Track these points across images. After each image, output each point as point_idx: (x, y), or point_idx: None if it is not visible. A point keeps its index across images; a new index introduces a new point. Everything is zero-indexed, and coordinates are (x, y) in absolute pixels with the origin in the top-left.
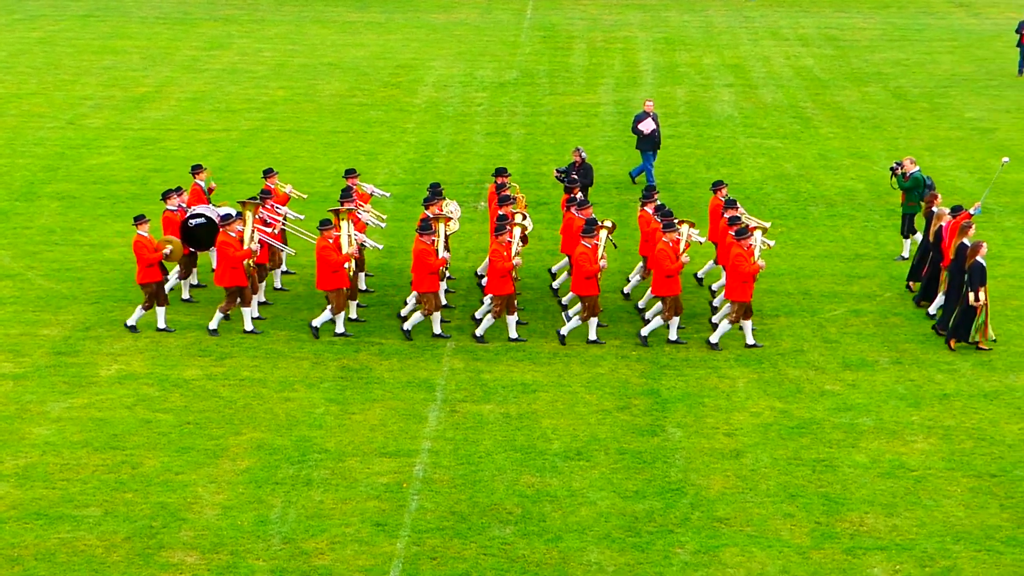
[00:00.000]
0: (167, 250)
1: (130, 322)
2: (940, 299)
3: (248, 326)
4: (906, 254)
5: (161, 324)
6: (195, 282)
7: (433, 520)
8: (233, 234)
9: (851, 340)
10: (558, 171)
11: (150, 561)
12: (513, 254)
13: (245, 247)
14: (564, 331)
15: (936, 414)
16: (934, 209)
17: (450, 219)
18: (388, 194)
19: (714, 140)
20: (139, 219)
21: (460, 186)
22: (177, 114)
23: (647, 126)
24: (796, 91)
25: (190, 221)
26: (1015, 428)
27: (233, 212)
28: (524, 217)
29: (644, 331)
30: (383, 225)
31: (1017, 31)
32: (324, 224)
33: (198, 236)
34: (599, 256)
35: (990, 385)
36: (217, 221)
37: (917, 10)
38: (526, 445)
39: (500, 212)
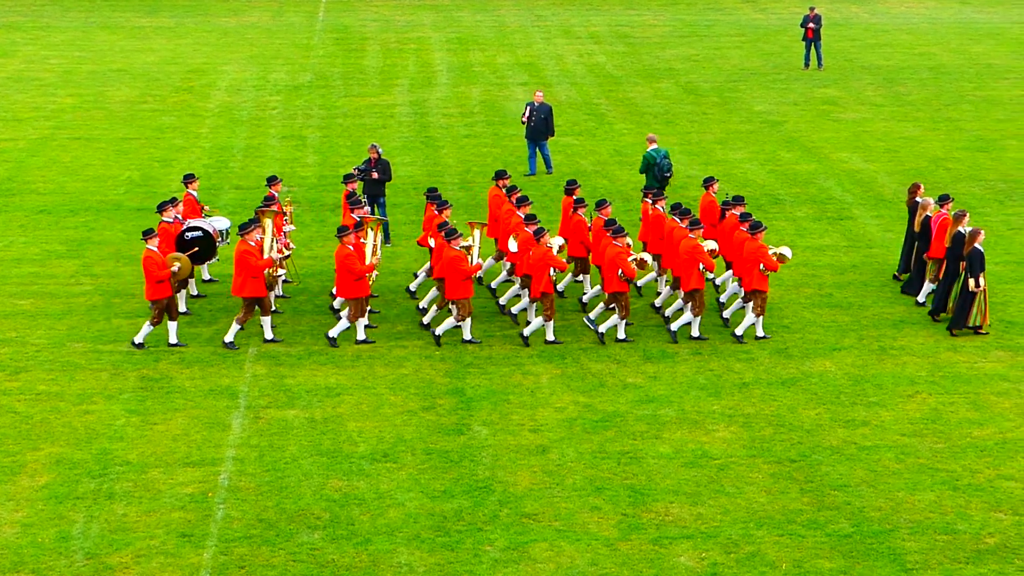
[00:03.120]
0: (175, 267)
1: (137, 340)
2: (928, 287)
3: (268, 335)
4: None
5: (172, 340)
6: (195, 292)
7: (240, 528)
8: (252, 243)
9: (651, 333)
10: (356, 168)
11: None
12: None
13: (265, 256)
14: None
15: (736, 403)
16: (918, 199)
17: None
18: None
19: (511, 139)
20: (147, 233)
21: (256, 191)
22: None
23: (530, 116)
24: (589, 88)
25: (186, 234)
26: (812, 414)
27: (228, 223)
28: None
29: (673, 326)
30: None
31: (802, 25)
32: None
33: (194, 249)
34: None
35: (787, 373)
36: (213, 234)
37: (705, 6)
38: (332, 449)
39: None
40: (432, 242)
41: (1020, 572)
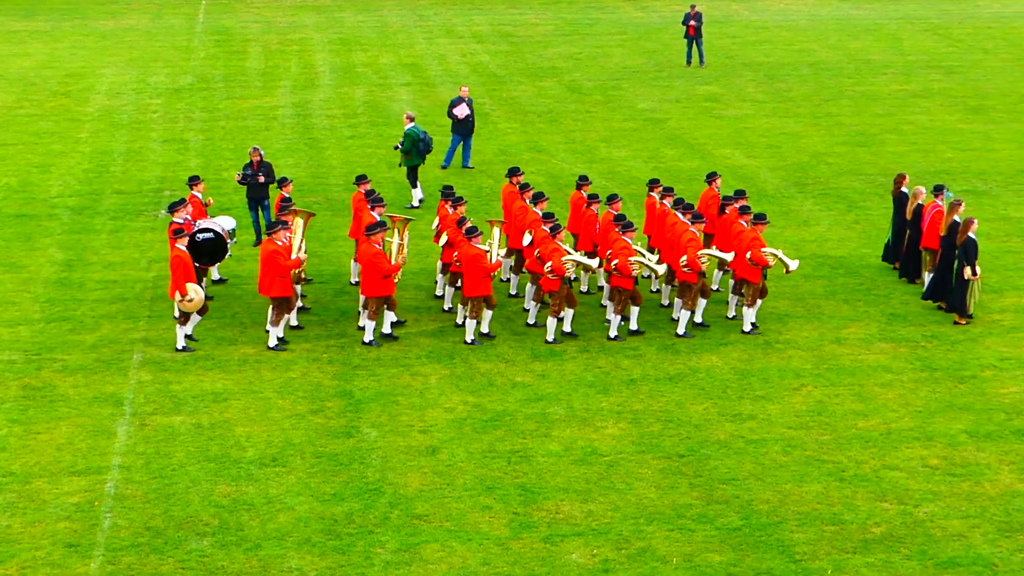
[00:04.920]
0: (189, 297)
1: (178, 344)
2: (928, 277)
3: (280, 333)
4: (417, 202)
5: (188, 330)
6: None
7: (128, 537)
8: (280, 243)
9: (537, 331)
10: (240, 173)
11: None
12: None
13: (293, 256)
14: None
15: (624, 399)
16: (904, 189)
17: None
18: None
19: (394, 139)
20: (179, 234)
21: (138, 195)
22: None
23: (461, 111)
24: (473, 87)
25: (198, 235)
26: (700, 409)
27: (233, 223)
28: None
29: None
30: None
31: (684, 23)
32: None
33: (206, 251)
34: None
35: (674, 368)
36: (224, 235)
37: (587, 5)
38: (220, 454)
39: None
40: (444, 238)
41: (906, 560)
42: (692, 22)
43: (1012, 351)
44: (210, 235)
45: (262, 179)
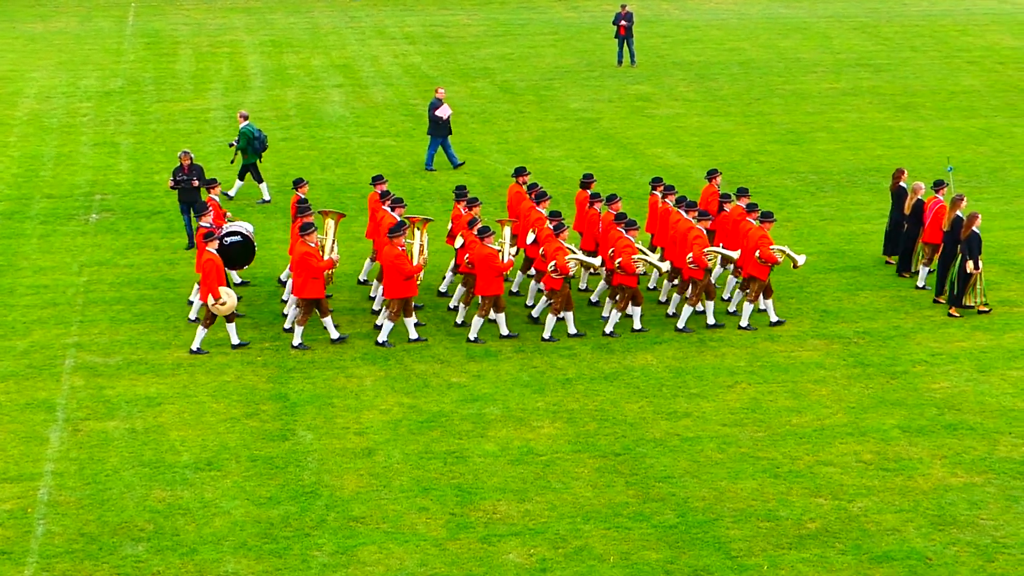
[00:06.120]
0: (222, 300)
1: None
2: (924, 271)
3: (334, 335)
4: (268, 197)
5: (235, 340)
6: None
7: (62, 544)
8: (312, 244)
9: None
10: (174, 179)
11: None
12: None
13: (326, 257)
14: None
15: (560, 398)
16: (902, 184)
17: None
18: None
19: (328, 141)
20: (209, 238)
21: (69, 199)
22: None
23: (444, 111)
24: (406, 89)
25: (226, 239)
26: (635, 407)
27: (251, 227)
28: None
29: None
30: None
31: (614, 23)
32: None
33: (234, 254)
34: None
35: (609, 367)
36: (252, 238)
37: (519, 5)
38: (155, 459)
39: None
40: (459, 240)
41: (841, 555)
42: (623, 22)
43: (943, 347)
44: (238, 238)
45: (196, 183)
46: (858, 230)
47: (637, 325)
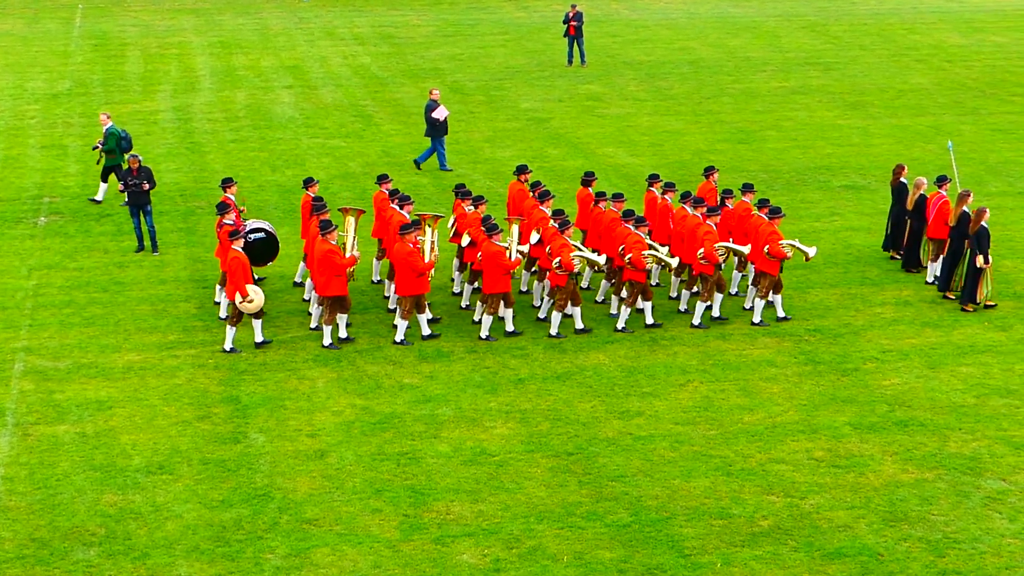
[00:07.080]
0: (249, 298)
1: (226, 345)
2: (932, 267)
3: (343, 333)
4: (100, 198)
5: (259, 338)
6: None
7: (12, 549)
8: (335, 242)
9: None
10: (123, 182)
11: None
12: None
13: (348, 255)
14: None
15: (513, 399)
16: (903, 180)
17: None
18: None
19: (277, 142)
20: (234, 236)
21: (17, 202)
22: None
23: (441, 113)
24: (355, 90)
25: (249, 236)
26: (587, 407)
27: (267, 226)
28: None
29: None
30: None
31: (564, 23)
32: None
33: (257, 251)
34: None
35: (562, 367)
36: (275, 234)
37: (468, 5)
38: (106, 463)
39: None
40: (465, 239)
41: (794, 552)
42: (573, 22)
43: (893, 344)
44: (261, 235)
45: (147, 186)
46: (808, 228)
47: (649, 320)
